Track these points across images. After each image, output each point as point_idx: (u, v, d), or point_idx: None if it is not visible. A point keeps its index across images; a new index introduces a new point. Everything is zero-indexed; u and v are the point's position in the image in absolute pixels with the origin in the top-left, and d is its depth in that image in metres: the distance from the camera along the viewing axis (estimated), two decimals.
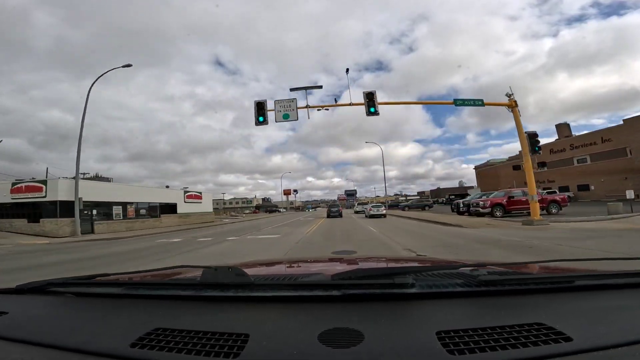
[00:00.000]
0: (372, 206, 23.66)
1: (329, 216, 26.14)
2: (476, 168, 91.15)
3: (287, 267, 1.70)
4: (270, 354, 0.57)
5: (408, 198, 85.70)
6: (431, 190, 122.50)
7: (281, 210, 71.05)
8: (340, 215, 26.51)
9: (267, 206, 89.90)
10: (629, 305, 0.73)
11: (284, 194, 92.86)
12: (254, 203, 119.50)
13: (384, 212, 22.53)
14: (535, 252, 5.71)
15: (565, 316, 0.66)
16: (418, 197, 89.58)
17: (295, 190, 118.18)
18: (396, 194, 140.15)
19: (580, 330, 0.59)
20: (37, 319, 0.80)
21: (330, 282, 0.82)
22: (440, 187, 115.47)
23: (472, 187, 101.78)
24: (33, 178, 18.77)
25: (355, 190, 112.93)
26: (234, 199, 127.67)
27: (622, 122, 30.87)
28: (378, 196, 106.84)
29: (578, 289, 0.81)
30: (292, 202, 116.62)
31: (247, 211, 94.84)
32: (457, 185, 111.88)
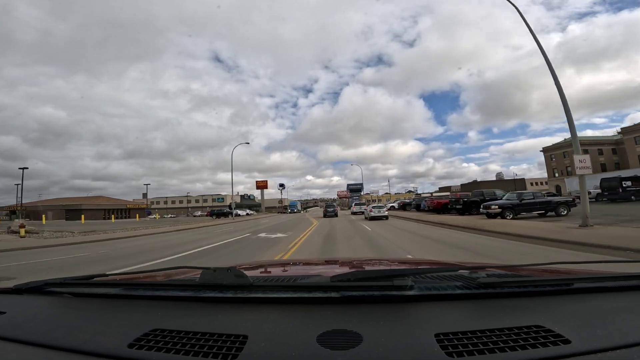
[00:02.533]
0: (373, 207, 21.74)
1: (325, 216, 29.95)
2: (546, 150, 60.42)
3: (286, 268, 1.69)
4: (269, 355, 0.56)
5: (433, 195, 57.57)
6: (463, 185, 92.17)
7: (241, 213, 42.40)
8: (336, 215, 30.50)
9: (231, 206, 59.00)
10: (628, 308, 0.73)
11: (258, 188, 62.56)
12: (228, 201, 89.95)
13: (386, 213, 20.77)
14: None
15: (564, 318, 0.66)
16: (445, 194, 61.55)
17: (282, 185, 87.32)
18: (410, 191, 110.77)
19: (579, 332, 0.59)
20: (34, 319, 0.80)
21: (329, 284, 0.81)
22: (478, 181, 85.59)
23: (520, 180, 75.17)
24: None
25: (361, 185, 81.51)
26: (202, 196, 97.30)
27: None
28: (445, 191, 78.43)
29: (577, 292, 0.81)
30: (281, 200, 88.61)
31: (199, 213, 64.77)
32: (495, 179, 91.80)
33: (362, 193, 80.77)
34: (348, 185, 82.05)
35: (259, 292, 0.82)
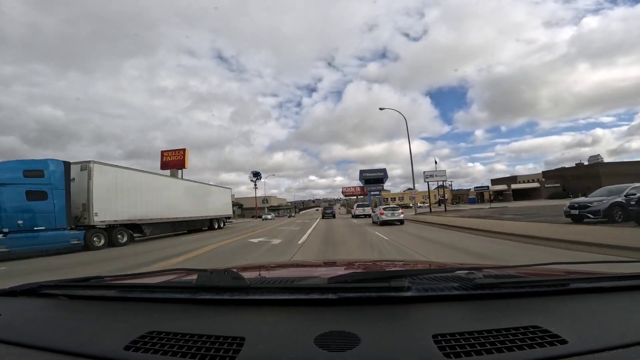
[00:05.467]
0: (384, 208, 17.51)
1: (323, 217, 31.35)
2: None
3: (284, 270, 1.68)
4: (266, 357, 0.57)
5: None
6: (545, 172, 57.37)
7: None
8: (334, 216, 31.65)
9: None
10: (625, 308, 0.73)
11: (162, 167, 26.77)
12: None
13: (402, 217, 16.82)
14: None
15: (560, 319, 0.66)
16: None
17: (257, 174, 52.77)
18: (440, 186, 74.96)
19: (576, 332, 0.60)
20: (30, 321, 0.79)
21: (326, 286, 0.82)
22: (586, 164, 50.04)
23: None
24: None
25: (383, 173, 46.31)
26: None
27: None
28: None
29: (574, 292, 0.81)
30: (266, 199, 68.27)
31: None
32: (587, 162, 63.57)
33: (383, 186, 46.08)
34: (361, 172, 47.06)
35: (256, 294, 0.82)
